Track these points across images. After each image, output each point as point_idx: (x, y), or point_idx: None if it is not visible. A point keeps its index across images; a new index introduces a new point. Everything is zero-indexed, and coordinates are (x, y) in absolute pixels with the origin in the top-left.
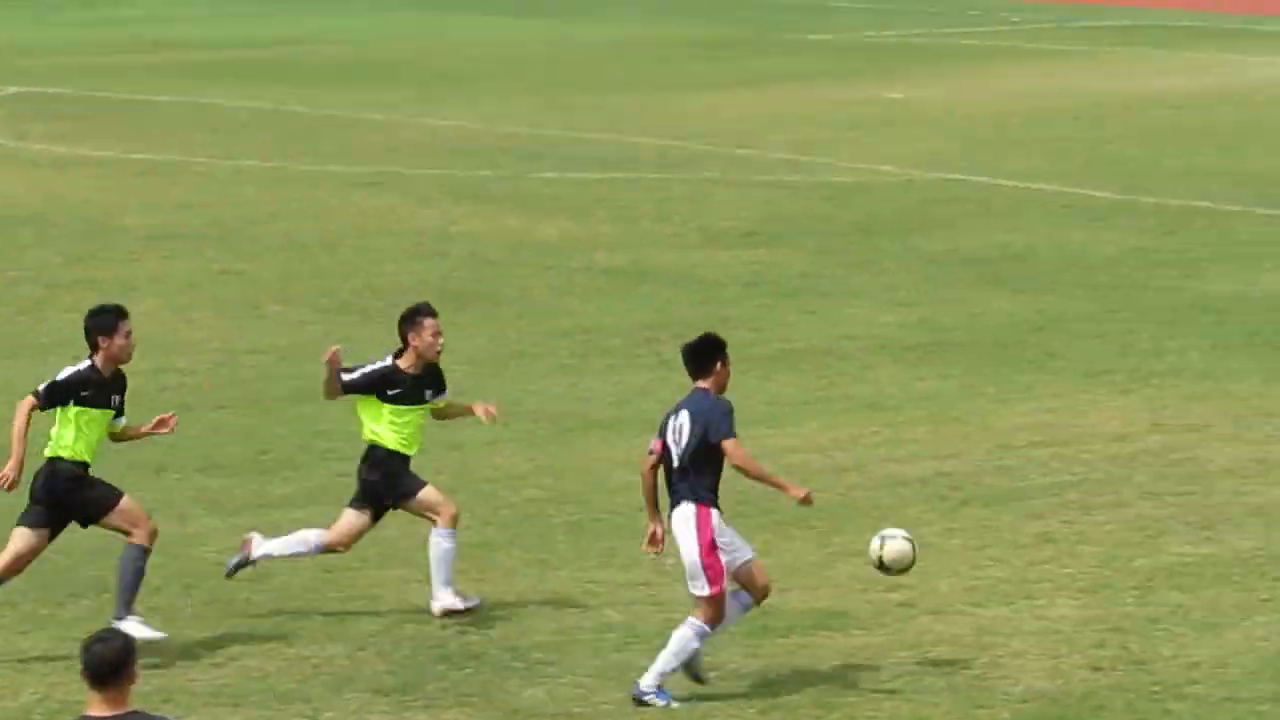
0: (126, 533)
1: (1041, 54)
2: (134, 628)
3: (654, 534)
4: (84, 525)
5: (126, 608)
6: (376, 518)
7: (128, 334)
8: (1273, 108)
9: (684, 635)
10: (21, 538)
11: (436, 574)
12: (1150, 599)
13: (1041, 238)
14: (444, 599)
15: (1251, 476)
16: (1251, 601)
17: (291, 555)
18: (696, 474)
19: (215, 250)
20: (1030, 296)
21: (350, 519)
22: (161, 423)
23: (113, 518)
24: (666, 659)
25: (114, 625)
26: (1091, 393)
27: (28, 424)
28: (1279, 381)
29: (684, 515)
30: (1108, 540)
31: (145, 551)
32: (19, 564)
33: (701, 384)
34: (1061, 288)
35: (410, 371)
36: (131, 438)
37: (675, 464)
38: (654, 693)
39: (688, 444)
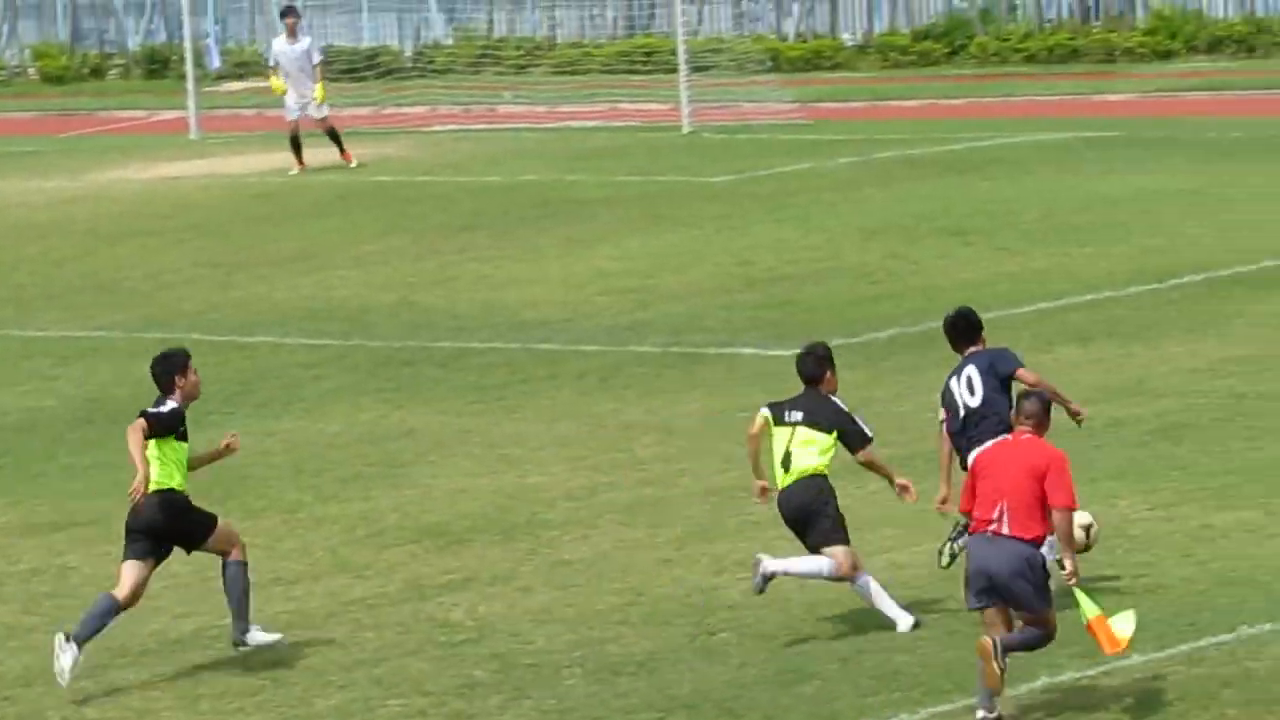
0: (225, 553)
1: None
2: (258, 636)
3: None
4: (189, 551)
5: (246, 620)
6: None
7: (195, 371)
8: None
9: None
10: (134, 569)
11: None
12: None
13: None
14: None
15: None
16: None
17: None
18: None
19: None
20: None
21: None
22: (229, 448)
23: (213, 541)
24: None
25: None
26: None
27: (144, 447)
28: None
29: None
30: None
31: (245, 565)
32: (138, 593)
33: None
34: None
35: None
36: (204, 464)
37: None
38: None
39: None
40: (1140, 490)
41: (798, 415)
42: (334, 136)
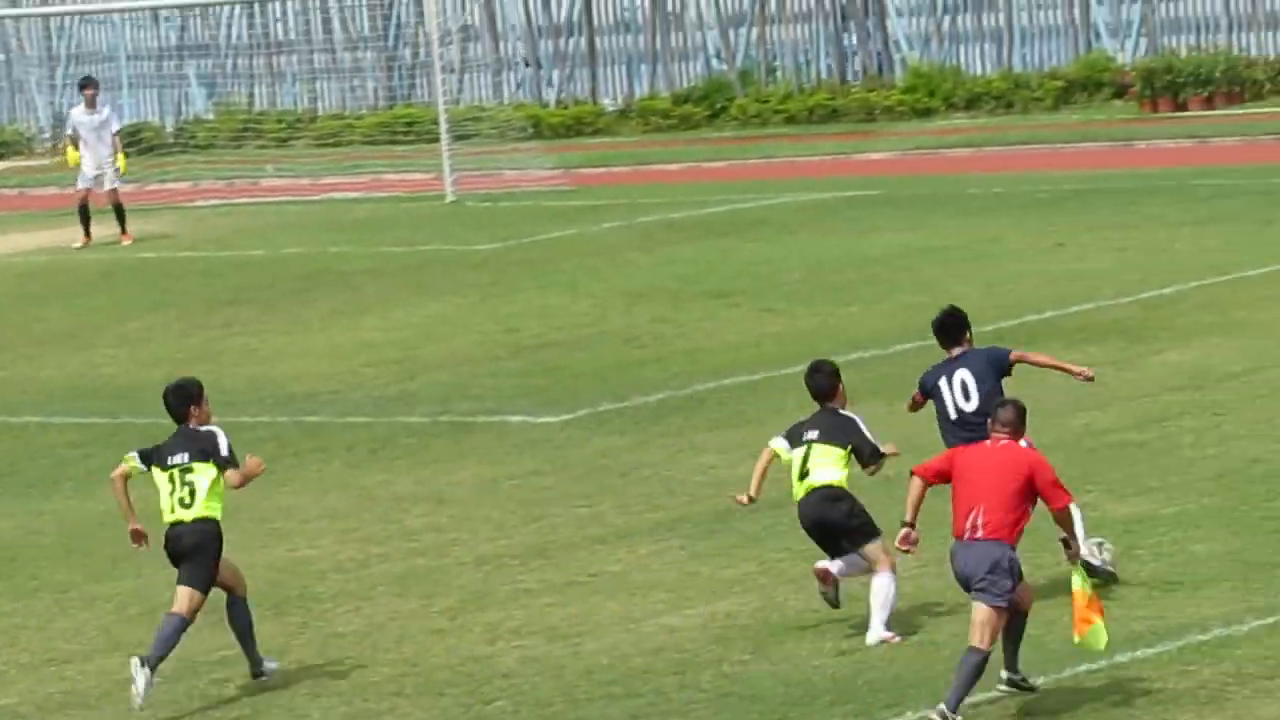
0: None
1: None
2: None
3: None
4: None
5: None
6: None
7: (208, 401)
8: None
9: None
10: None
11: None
12: None
13: None
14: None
15: None
16: None
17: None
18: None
19: None
20: None
21: None
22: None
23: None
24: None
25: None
26: None
27: None
28: None
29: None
30: None
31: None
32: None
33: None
34: None
35: None
36: None
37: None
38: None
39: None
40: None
41: (814, 434)
42: (119, 212)
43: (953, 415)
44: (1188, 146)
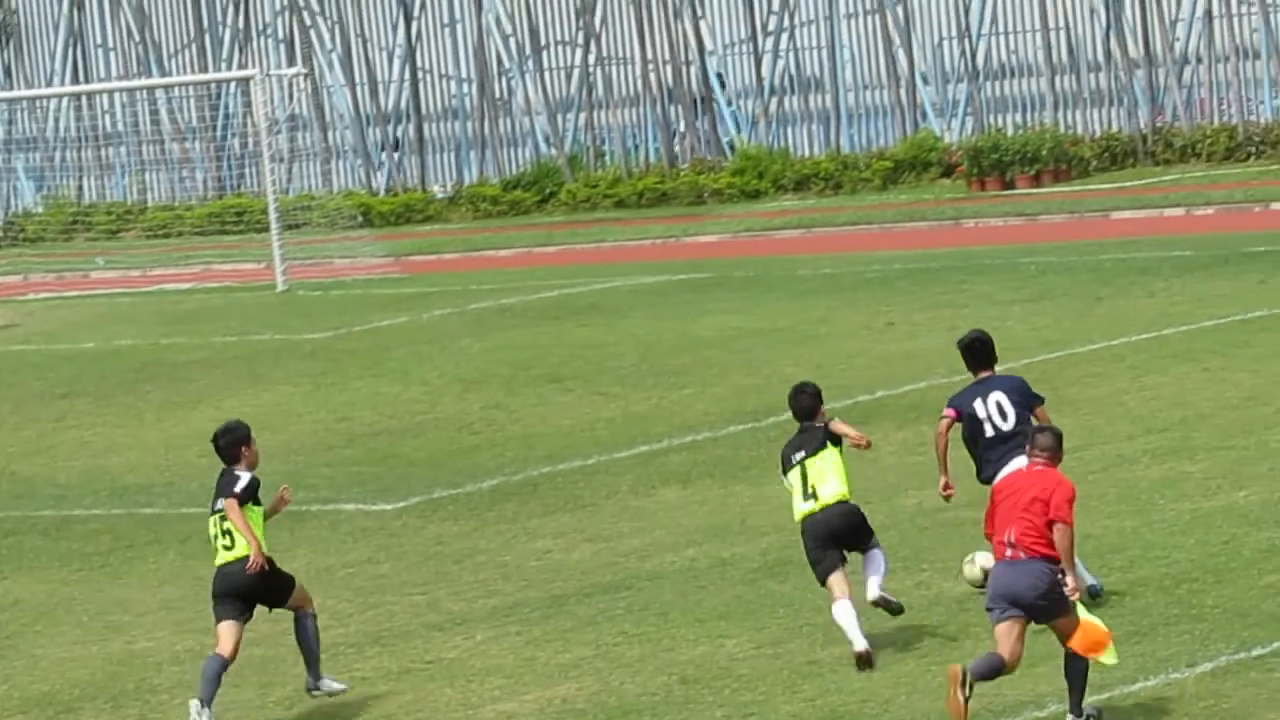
0: (300, 608)
1: None
2: (329, 684)
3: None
4: (271, 609)
5: (319, 668)
6: None
7: (255, 442)
8: None
9: None
10: (231, 629)
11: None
12: None
13: None
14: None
15: None
16: None
17: None
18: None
19: None
20: None
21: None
22: (281, 500)
23: (293, 599)
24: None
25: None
26: None
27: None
28: None
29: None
30: None
31: (315, 618)
32: (237, 649)
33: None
34: None
35: None
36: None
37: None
38: None
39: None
40: (748, 628)
41: (801, 455)
42: None
43: (990, 433)
44: (1016, 225)
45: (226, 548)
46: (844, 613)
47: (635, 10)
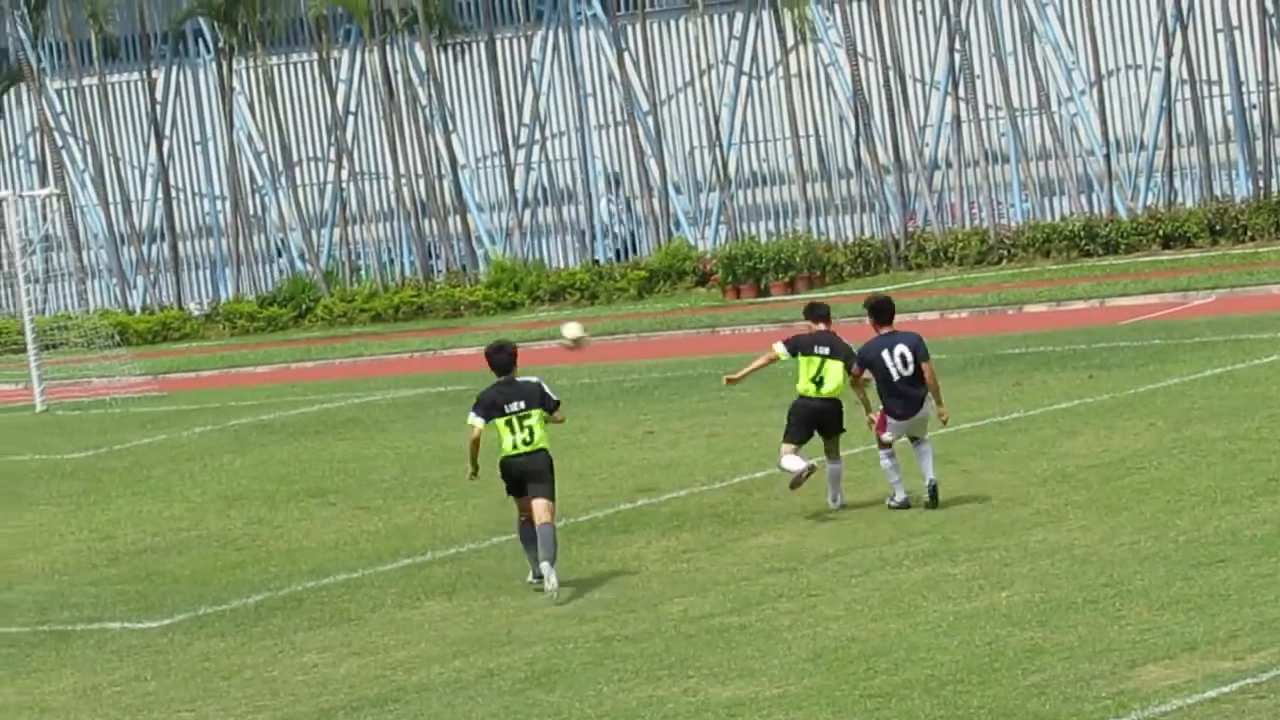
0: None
1: None
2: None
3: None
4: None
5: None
6: None
7: None
8: None
9: None
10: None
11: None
12: None
13: None
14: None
15: None
16: None
17: None
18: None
19: None
20: None
21: None
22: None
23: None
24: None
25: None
26: None
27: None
28: None
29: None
30: None
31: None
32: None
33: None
34: None
35: None
36: None
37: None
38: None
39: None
40: None
41: (825, 350)
42: None
43: (895, 378)
44: (772, 331)
45: (525, 442)
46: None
47: (386, 125)
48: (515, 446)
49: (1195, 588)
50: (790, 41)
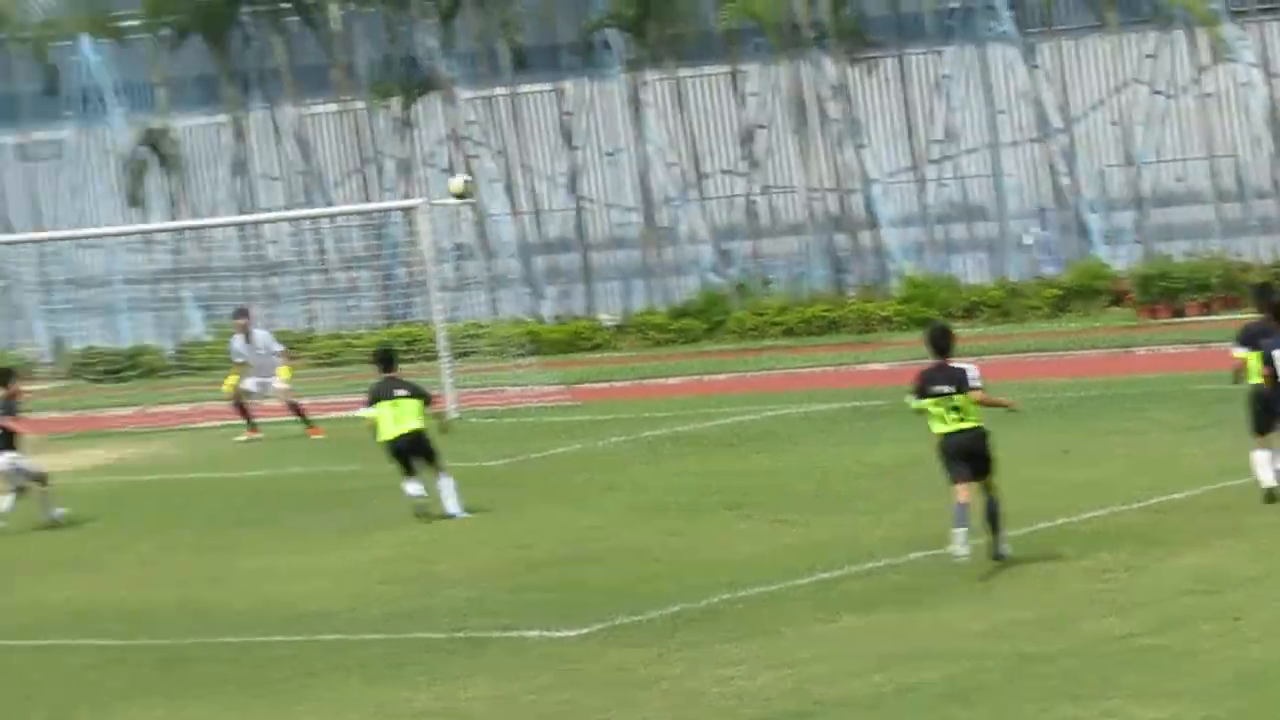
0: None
1: None
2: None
3: None
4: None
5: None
6: None
7: None
8: None
9: None
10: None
11: None
12: None
13: None
14: None
15: None
16: None
17: None
18: None
19: None
20: None
21: None
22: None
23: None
24: None
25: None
26: None
27: None
28: None
29: None
30: None
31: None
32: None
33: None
34: None
35: None
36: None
37: None
38: None
39: None
40: None
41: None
42: (296, 410)
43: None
44: (1189, 352)
45: (959, 420)
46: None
47: (797, 140)
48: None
49: None
50: (1205, 60)
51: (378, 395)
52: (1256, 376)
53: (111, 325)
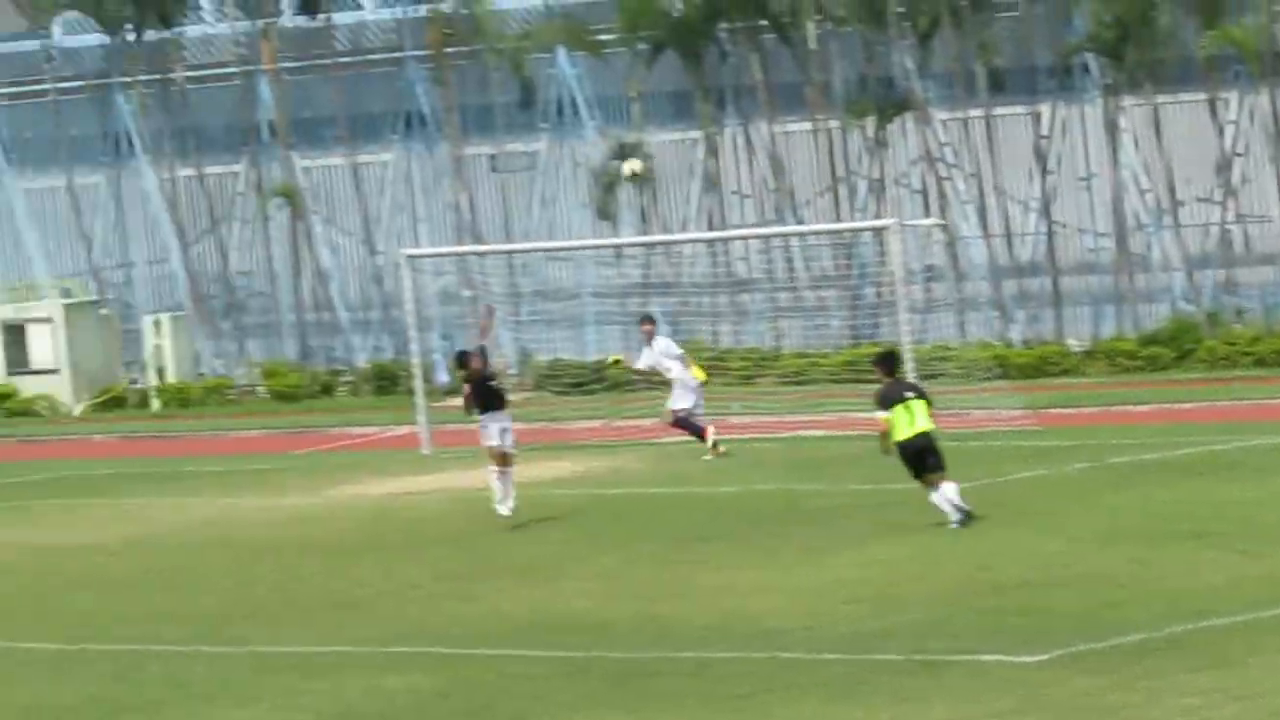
0: None
1: None
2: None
3: None
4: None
5: None
6: None
7: None
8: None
9: None
10: None
11: None
12: None
13: None
14: None
15: None
16: None
17: None
18: None
19: None
20: None
21: None
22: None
23: None
24: None
25: None
26: None
27: None
28: None
29: None
30: None
31: None
32: None
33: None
34: None
35: None
36: None
37: None
38: None
39: None
40: None
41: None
42: (686, 426)
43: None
44: None
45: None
46: None
47: (1275, 168)
48: None
49: None
50: None
51: (890, 398)
52: None
53: (578, 338)
